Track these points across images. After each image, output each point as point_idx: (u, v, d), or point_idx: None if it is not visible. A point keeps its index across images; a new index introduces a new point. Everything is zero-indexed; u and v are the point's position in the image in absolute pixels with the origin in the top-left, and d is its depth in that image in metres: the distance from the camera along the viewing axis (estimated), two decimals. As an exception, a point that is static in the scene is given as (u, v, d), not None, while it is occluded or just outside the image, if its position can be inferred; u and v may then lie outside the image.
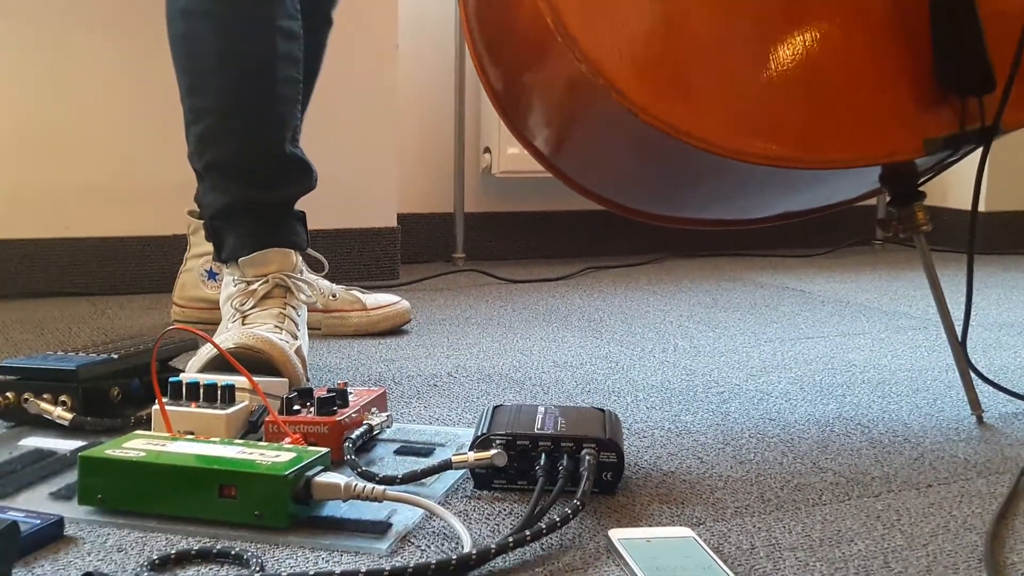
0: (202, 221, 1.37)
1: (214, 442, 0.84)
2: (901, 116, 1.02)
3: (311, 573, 0.67)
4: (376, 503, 0.78)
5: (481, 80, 1.18)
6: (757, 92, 0.99)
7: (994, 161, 2.61)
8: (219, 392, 0.95)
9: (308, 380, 1.20)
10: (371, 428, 0.95)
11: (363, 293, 1.58)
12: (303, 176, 1.32)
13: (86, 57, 1.85)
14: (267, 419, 0.92)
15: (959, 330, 1.11)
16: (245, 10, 1.24)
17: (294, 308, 1.26)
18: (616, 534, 0.76)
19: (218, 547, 0.72)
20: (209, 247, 1.38)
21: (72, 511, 0.79)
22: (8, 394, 1.01)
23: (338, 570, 0.68)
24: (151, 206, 1.89)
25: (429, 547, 0.76)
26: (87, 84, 1.85)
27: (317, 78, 1.56)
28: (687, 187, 1.17)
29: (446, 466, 0.85)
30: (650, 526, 0.80)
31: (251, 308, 1.24)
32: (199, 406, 0.94)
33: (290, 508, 0.76)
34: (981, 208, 2.74)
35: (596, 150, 1.14)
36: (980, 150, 1.06)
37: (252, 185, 1.28)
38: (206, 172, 1.30)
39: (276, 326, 1.20)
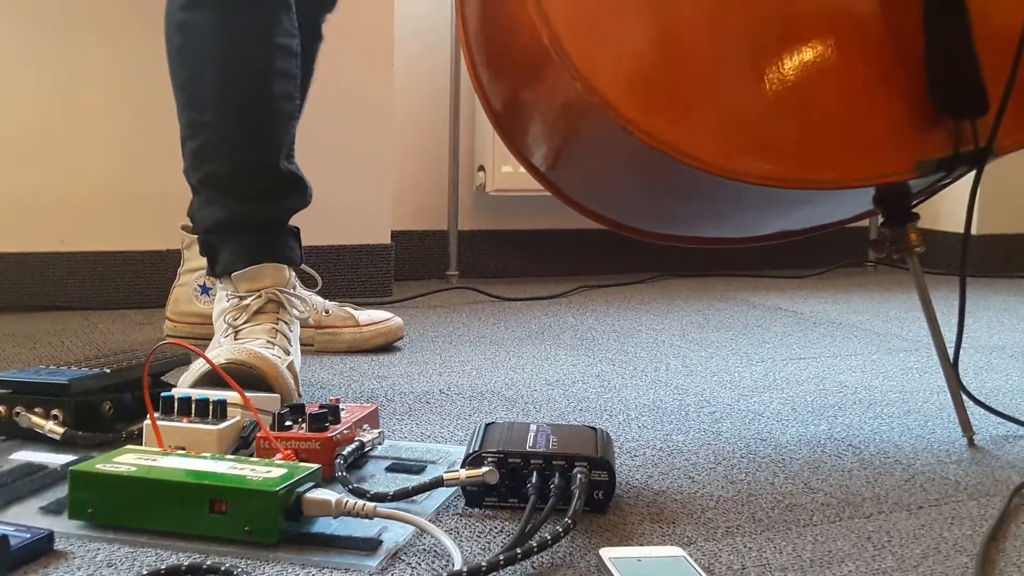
0: (196, 236, 1.37)
1: (205, 457, 0.84)
2: (895, 137, 1.02)
3: (301, 589, 0.67)
4: (367, 520, 0.78)
5: (479, 97, 1.18)
6: (751, 112, 1.00)
7: (986, 184, 2.59)
8: (211, 407, 0.95)
9: (300, 396, 1.20)
10: (363, 445, 0.95)
11: (356, 310, 1.58)
12: (298, 192, 1.33)
13: (82, 70, 1.85)
14: (258, 435, 0.92)
15: (951, 352, 1.12)
16: (243, 26, 1.25)
17: (287, 323, 1.26)
18: (607, 553, 0.76)
19: (208, 562, 0.72)
20: (203, 262, 1.38)
21: (62, 525, 0.79)
22: (-1, 407, 1.01)
23: (328, 587, 0.67)
24: (146, 221, 1.89)
25: (419, 564, 0.75)
26: (82, 97, 1.85)
27: (308, 92, 1.56)
28: (683, 204, 1.18)
29: (437, 483, 0.85)
30: (641, 545, 0.80)
31: (244, 323, 1.24)
32: (191, 421, 0.94)
33: (281, 524, 0.76)
34: (973, 231, 2.74)
35: (592, 167, 1.14)
36: (973, 173, 1.07)
37: (247, 200, 1.28)
38: (201, 186, 1.30)
39: (268, 341, 1.20)
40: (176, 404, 0.96)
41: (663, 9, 0.99)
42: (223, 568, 0.71)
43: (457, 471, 0.85)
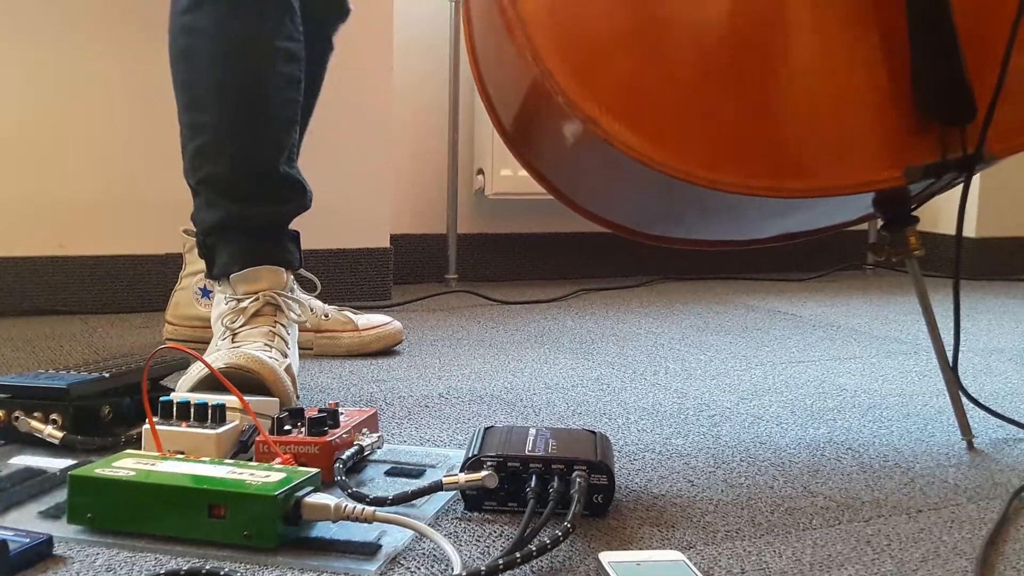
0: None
1: (204, 462, 0.83)
2: (882, 144, 1.02)
3: (300, 594, 0.67)
4: (366, 524, 0.78)
5: (488, 112, 1.18)
6: (736, 122, 0.99)
7: (985, 187, 2.62)
8: (209, 412, 0.95)
9: (298, 398, 1.20)
10: (362, 449, 0.95)
11: (355, 314, 1.58)
12: (297, 196, 1.33)
13: (82, 74, 1.85)
14: (257, 439, 0.92)
15: (950, 355, 1.12)
16: (246, 30, 1.25)
17: (284, 326, 1.26)
18: (606, 557, 0.76)
19: (207, 567, 0.72)
20: (203, 265, 1.38)
21: (61, 530, 0.79)
22: (-2, 412, 1.01)
23: (327, 591, 0.67)
24: (145, 225, 1.89)
25: (419, 569, 0.75)
26: (82, 101, 1.85)
27: (316, 101, 1.56)
28: (682, 209, 1.17)
29: (437, 487, 0.85)
30: (640, 549, 0.80)
31: (241, 326, 1.24)
32: (189, 426, 0.94)
33: (279, 528, 0.76)
34: (972, 234, 2.75)
35: (593, 174, 1.14)
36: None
37: (245, 202, 1.28)
38: (200, 188, 1.30)
39: (266, 344, 1.20)
40: (175, 408, 0.95)
41: (645, 23, 0.99)
42: (222, 573, 0.71)
43: (456, 475, 0.85)
